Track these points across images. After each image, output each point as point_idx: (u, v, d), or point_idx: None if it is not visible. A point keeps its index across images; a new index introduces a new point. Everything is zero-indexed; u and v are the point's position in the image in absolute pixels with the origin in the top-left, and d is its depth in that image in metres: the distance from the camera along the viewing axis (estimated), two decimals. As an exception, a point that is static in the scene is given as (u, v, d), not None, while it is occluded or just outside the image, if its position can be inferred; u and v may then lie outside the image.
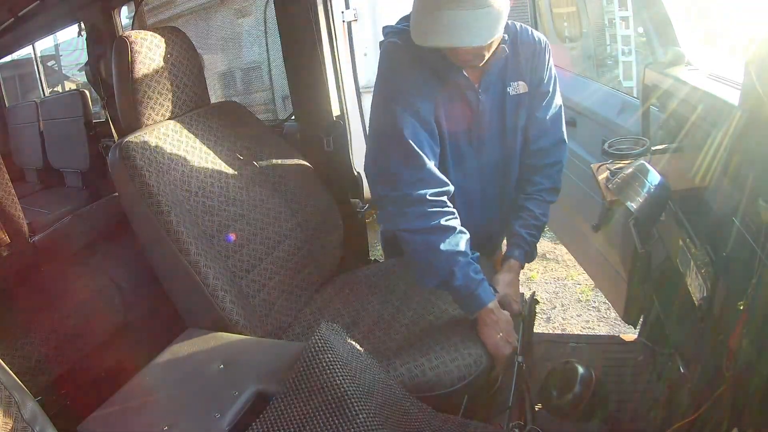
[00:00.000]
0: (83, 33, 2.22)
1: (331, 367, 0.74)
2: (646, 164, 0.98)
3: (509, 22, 1.15)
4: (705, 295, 0.86)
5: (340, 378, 0.72)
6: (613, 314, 2.29)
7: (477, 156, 1.19)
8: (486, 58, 1.07)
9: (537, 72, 1.18)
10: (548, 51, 1.19)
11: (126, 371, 0.89)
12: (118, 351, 1.24)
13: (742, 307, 0.71)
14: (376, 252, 2.09)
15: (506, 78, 1.16)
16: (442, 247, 1.00)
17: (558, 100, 1.23)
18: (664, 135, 1.22)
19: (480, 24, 0.95)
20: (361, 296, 1.15)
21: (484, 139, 1.19)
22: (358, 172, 1.59)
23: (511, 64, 1.16)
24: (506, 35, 1.11)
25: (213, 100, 1.33)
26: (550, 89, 1.21)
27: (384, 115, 1.09)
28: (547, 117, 1.21)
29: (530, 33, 1.19)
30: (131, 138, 1.04)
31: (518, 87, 1.17)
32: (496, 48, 1.09)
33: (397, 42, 1.10)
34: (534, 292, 1.29)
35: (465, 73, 1.11)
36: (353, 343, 0.85)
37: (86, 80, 2.37)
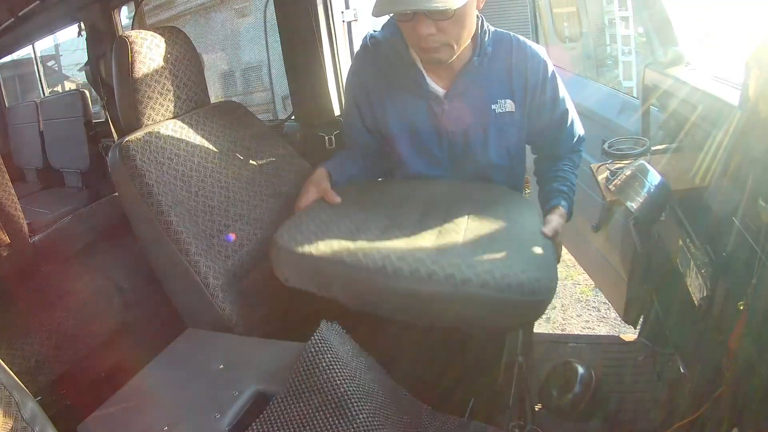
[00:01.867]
0: (83, 33, 2.22)
1: (331, 367, 0.73)
2: (646, 164, 0.98)
3: (507, 32, 1.11)
4: (705, 295, 0.86)
5: (340, 378, 0.72)
6: (613, 314, 2.29)
7: (452, 165, 1.16)
8: (455, 52, 1.00)
9: (536, 93, 1.11)
10: (549, 69, 1.11)
11: (126, 371, 0.89)
12: (118, 351, 1.24)
13: (742, 307, 0.71)
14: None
15: (493, 94, 1.10)
16: None
17: (573, 112, 1.18)
18: (664, 135, 1.22)
19: None
20: (391, 204, 1.07)
21: (458, 149, 1.14)
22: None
23: (499, 79, 1.09)
24: (490, 48, 1.07)
25: (213, 100, 1.33)
26: (563, 108, 1.15)
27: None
28: (573, 136, 1.19)
29: (528, 49, 1.10)
30: (131, 138, 1.04)
31: (505, 105, 1.10)
32: (469, 52, 1.05)
33: (374, 39, 1.13)
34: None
35: (428, 80, 1.08)
36: (353, 342, 0.84)
37: (86, 80, 2.37)
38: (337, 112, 1.61)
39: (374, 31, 1.16)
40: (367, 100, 1.15)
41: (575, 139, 1.19)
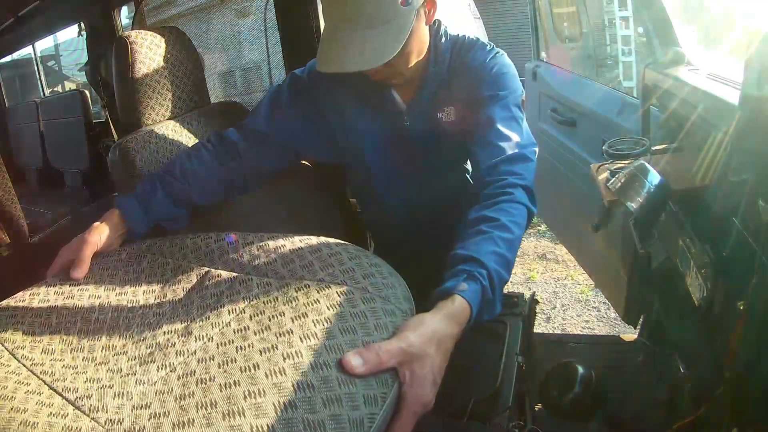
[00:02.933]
0: (83, 33, 2.22)
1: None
2: (646, 164, 0.98)
3: (464, 37, 1.02)
4: (705, 295, 0.86)
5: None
6: (613, 314, 2.29)
7: (407, 191, 1.08)
8: (406, 74, 0.95)
9: (472, 92, 0.95)
10: (496, 69, 0.96)
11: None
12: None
13: (742, 307, 0.71)
14: (376, 252, 2.09)
15: (439, 103, 0.99)
16: None
17: (495, 121, 0.90)
18: (664, 135, 1.22)
19: (371, 45, 0.84)
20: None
21: (420, 173, 1.06)
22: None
23: (444, 87, 0.99)
24: (447, 54, 0.98)
25: (213, 100, 1.33)
26: (486, 109, 0.92)
27: None
28: (483, 139, 0.89)
29: (476, 54, 0.98)
30: (131, 138, 1.04)
31: (450, 113, 0.99)
32: (423, 64, 0.97)
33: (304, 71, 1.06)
34: (534, 292, 1.29)
35: (394, 94, 0.98)
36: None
37: (86, 80, 2.37)
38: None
39: None
40: (333, 109, 1.05)
41: (498, 154, 0.85)
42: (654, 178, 0.94)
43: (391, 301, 0.64)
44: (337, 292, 0.64)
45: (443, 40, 1.00)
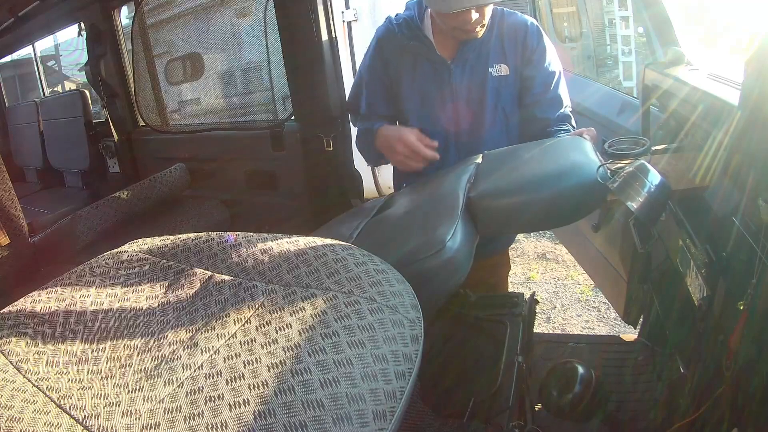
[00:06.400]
0: (83, 33, 2.22)
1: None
2: (646, 164, 0.98)
3: (496, 7, 1.25)
4: (705, 295, 0.86)
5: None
6: (613, 314, 2.29)
7: (454, 126, 1.28)
8: (485, 27, 1.21)
9: (524, 55, 1.25)
10: (537, 33, 1.25)
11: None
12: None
13: (742, 307, 0.71)
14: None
15: (489, 60, 1.24)
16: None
17: (562, 80, 1.28)
18: (664, 135, 1.22)
19: None
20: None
21: (461, 111, 1.26)
22: (359, 172, 1.59)
23: (495, 46, 1.24)
24: (488, 20, 1.21)
25: (213, 99, 1.33)
26: (544, 65, 1.26)
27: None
28: (548, 94, 1.27)
29: (517, 17, 1.26)
30: None
31: (500, 69, 1.25)
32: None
33: (399, 18, 1.30)
34: (534, 292, 1.28)
35: (437, 50, 1.24)
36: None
37: (86, 80, 2.37)
38: (336, 112, 1.61)
39: (396, 13, 1.33)
40: (387, 72, 1.30)
41: (563, 106, 1.27)
42: (654, 178, 0.93)
43: (399, 310, 0.63)
44: (344, 303, 0.63)
45: None
